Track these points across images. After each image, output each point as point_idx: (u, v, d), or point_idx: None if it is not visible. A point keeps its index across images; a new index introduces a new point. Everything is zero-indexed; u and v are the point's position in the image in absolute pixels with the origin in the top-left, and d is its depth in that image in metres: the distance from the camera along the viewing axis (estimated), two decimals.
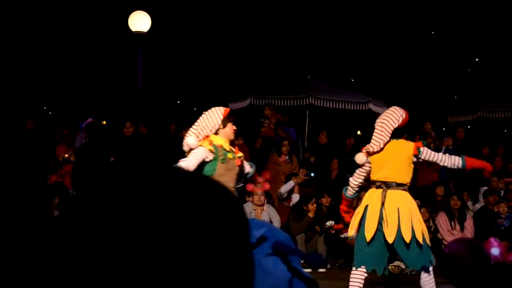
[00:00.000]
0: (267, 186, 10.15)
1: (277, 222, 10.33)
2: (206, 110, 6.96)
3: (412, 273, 7.09)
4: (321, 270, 9.54)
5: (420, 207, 11.25)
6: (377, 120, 7.15)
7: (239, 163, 6.85)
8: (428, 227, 11.06)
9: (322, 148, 13.90)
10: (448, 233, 10.78)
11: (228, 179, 6.67)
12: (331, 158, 13.24)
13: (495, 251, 1.32)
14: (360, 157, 7.10)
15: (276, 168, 11.99)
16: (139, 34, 14.63)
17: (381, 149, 6.94)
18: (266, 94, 14.83)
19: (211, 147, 6.63)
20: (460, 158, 7.14)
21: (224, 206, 1.02)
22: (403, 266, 10.02)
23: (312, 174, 12.10)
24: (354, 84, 20.24)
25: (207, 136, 6.70)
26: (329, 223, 10.54)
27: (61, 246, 0.98)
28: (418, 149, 7.00)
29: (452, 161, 7.10)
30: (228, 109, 6.89)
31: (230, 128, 6.77)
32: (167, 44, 22.30)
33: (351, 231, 7.15)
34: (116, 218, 0.96)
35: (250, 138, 14.37)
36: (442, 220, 10.91)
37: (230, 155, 6.71)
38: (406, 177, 6.97)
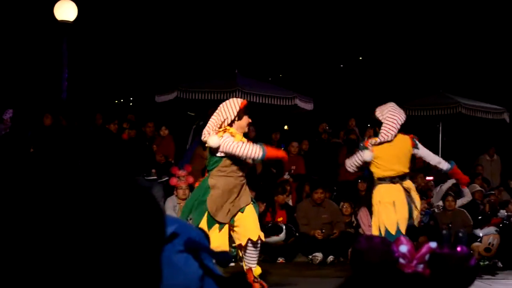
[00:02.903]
0: (191, 179, 10.12)
1: None
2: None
3: None
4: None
5: (343, 202, 11.50)
6: (383, 113, 7.36)
7: None
8: (350, 222, 11.26)
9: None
10: (370, 228, 10.94)
11: (232, 170, 6.74)
12: None
13: (403, 248, 1.35)
14: (368, 154, 7.27)
15: (201, 161, 11.96)
16: (64, 23, 14.38)
17: (391, 141, 7.23)
18: (193, 88, 14.77)
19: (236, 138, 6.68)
20: (448, 163, 7.65)
21: (136, 204, 1.01)
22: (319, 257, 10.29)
23: None
24: (281, 80, 20.39)
25: (225, 128, 6.69)
26: None
27: None
28: (413, 141, 7.54)
29: (438, 160, 7.59)
30: (245, 102, 6.90)
31: (245, 120, 6.79)
32: (94, 34, 21.96)
33: (392, 229, 7.38)
34: (32, 211, 0.95)
35: (176, 131, 14.31)
36: (363, 215, 11.08)
37: None
38: (408, 167, 7.49)
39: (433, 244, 1.35)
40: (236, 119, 6.72)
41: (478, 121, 16.61)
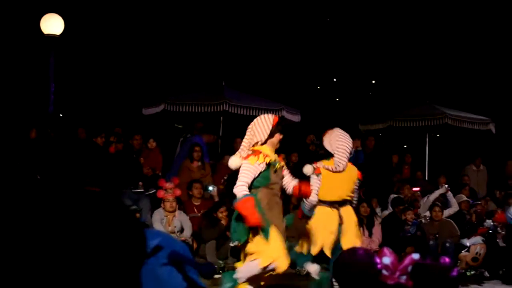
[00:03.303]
0: (178, 192, 10.11)
1: (188, 228, 10.30)
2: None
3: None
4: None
5: None
6: (331, 144, 7.62)
7: (284, 172, 6.75)
8: None
9: None
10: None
11: (278, 188, 6.60)
12: None
13: (386, 260, 1.36)
14: (308, 169, 7.21)
15: (188, 174, 11.96)
16: (51, 37, 14.34)
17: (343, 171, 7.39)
18: (181, 100, 14.78)
19: (267, 159, 6.48)
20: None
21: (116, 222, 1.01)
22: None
23: (211, 188, 11.82)
24: (268, 92, 20.41)
25: (257, 150, 6.52)
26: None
27: None
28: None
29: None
30: (277, 118, 6.75)
31: (277, 138, 6.64)
32: (80, 47, 21.91)
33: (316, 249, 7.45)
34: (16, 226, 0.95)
35: (164, 144, 14.29)
36: None
37: (278, 165, 6.59)
38: (350, 195, 7.61)
39: (415, 256, 1.36)
40: (269, 137, 6.62)
41: (464, 131, 16.69)
